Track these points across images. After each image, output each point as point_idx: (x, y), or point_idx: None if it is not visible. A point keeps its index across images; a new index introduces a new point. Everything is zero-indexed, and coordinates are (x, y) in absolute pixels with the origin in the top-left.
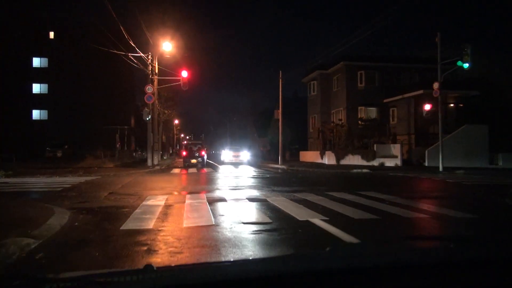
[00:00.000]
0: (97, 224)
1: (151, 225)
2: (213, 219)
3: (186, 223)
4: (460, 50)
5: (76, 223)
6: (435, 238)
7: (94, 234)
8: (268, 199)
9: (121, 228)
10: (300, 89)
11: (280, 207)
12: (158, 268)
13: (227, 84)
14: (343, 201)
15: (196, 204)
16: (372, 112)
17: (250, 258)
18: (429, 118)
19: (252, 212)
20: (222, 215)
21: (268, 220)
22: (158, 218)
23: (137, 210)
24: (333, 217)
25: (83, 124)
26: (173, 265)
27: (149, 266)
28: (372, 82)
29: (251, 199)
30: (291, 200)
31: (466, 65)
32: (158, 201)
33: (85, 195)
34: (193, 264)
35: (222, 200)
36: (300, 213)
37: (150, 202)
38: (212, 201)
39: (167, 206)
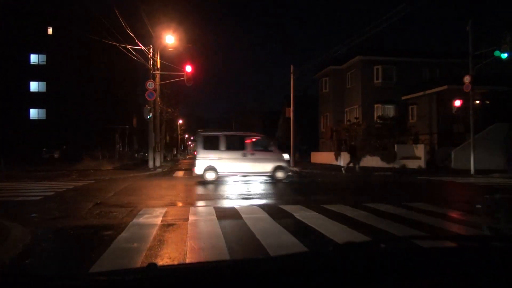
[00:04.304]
0: (59, 260)
1: (137, 263)
2: (227, 250)
3: (190, 259)
4: (490, 42)
5: (28, 260)
6: None
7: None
8: (294, 215)
9: (90, 270)
10: (309, 87)
11: (314, 227)
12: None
13: (233, 83)
14: (393, 217)
15: (202, 223)
16: (390, 110)
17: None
18: (454, 116)
19: (279, 236)
20: (240, 244)
21: (304, 249)
22: (149, 249)
23: (122, 234)
24: (394, 244)
25: (83, 123)
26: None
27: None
28: (390, 78)
29: (273, 215)
30: (325, 216)
31: (504, 55)
32: (153, 217)
33: (65, 206)
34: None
35: (235, 215)
36: (346, 237)
37: (143, 220)
38: (222, 217)
39: (165, 226)
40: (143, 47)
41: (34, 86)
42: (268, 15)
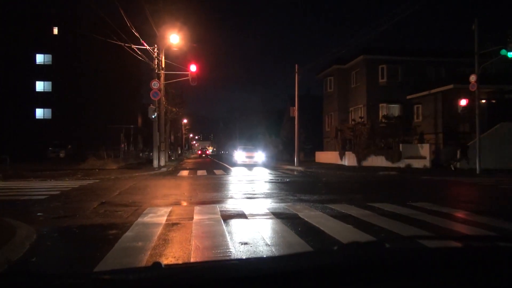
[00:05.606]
0: (64, 258)
1: (142, 262)
2: (232, 249)
3: (195, 258)
4: (496, 41)
5: (34, 258)
6: None
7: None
8: (299, 214)
9: (95, 269)
10: (313, 87)
11: (319, 226)
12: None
13: (237, 82)
14: (398, 217)
15: (207, 222)
16: (395, 109)
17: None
18: (460, 116)
19: (284, 235)
20: (245, 243)
21: (309, 249)
22: (154, 248)
23: (127, 233)
24: (399, 244)
25: (88, 123)
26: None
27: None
28: (395, 77)
29: (277, 214)
30: (330, 215)
31: (511, 54)
32: (158, 216)
33: (70, 206)
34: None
35: (240, 215)
36: (351, 237)
37: (147, 219)
38: (227, 217)
39: (169, 226)
40: (148, 47)
41: (40, 86)
42: (272, 14)
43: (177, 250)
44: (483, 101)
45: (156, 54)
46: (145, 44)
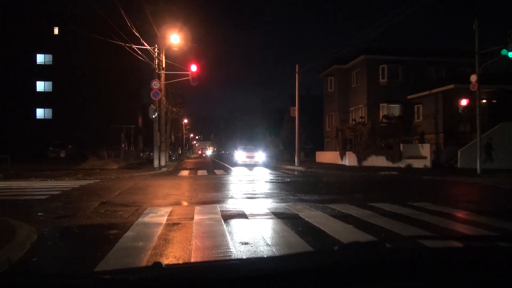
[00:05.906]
0: (64, 258)
1: (142, 262)
2: (233, 249)
3: (195, 258)
4: (496, 40)
5: (34, 258)
6: None
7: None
8: (300, 214)
9: (96, 269)
10: (314, 87)
11: (320, 226)
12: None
13: (238, 82)
14: (399, 217)
15: (207, 222)
16: (395, 109)
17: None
18: (460, 116)
19: (284, 235)
20: (246, 243)
21: (309, 249)
22: (154, 248)
23: (128, 233)
24: (399, 244)
25: (88, 123)
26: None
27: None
28: (395, 77)
29: (278, 214)
30: (330, 215)
31: None
32: (159, 216)
33: (71, 205)
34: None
35: (241, 215)
36: (351, 237)
37: (148, 219)
38: (227, 217)
39: (170, 226)
40: (148, 47)
41: (40, 86)
42: (272, 14)
43: (177, 250)
44: (484, 101)
45: (156, 54)
46: (146, 44)
